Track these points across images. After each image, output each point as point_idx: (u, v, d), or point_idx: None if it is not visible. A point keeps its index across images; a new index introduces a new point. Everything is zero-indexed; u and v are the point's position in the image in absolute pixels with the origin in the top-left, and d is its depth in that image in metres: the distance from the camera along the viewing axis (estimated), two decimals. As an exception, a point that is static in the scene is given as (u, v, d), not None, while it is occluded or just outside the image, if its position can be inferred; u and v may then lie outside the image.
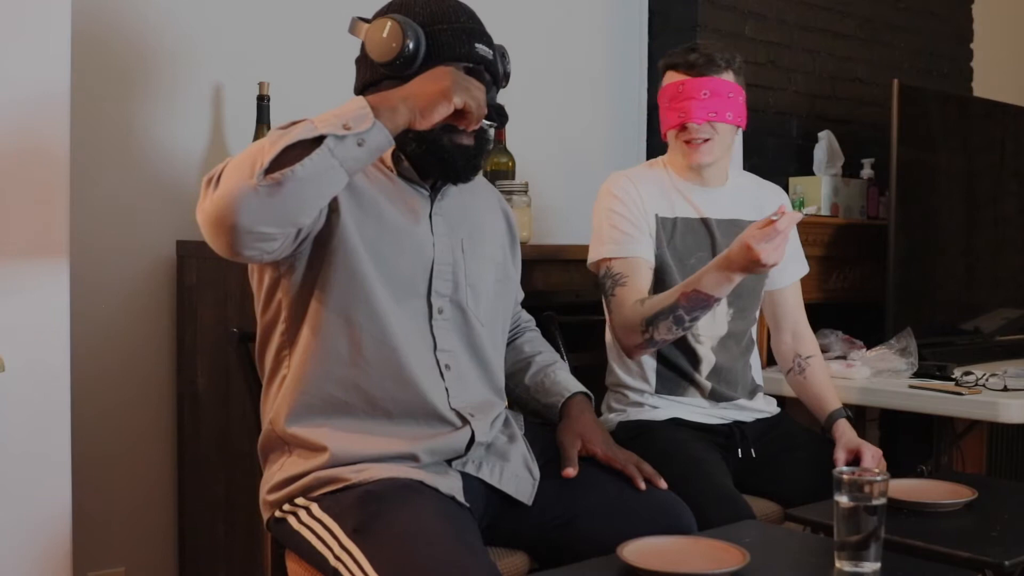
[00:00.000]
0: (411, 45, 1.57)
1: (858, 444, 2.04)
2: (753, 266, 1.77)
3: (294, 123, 1.40)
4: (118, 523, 2.32)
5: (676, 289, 1.91)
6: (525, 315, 2.00)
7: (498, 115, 1.65)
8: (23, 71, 1.74)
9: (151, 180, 2.35)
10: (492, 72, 1.67)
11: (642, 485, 1.68)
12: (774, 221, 1.74)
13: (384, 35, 1.58)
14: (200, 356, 2.30)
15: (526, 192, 2.58)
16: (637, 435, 2.01)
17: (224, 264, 2.22)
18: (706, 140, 2.07)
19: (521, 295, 1.94)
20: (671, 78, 2.11)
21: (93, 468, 2.24)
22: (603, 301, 2.07)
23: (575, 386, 1.85)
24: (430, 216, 1.67)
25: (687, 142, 2.08)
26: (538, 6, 3.02)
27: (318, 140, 1.36)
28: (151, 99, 2.36)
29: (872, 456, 2.01)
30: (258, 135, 2.30)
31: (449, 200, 1.71)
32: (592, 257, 2.09)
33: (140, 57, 2.34)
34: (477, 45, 1.63)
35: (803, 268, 2.28)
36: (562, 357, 2.13)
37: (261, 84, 2.34)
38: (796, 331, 2.25)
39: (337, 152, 1.36)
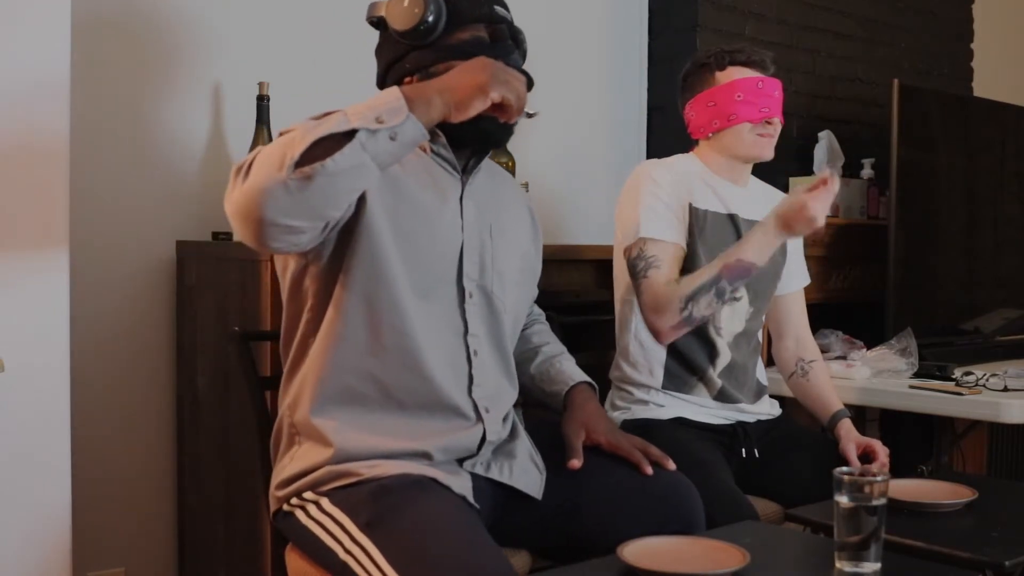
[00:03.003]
0: (432, 8, 1.59)
1: (867, 439, 2.07)
2: (805, 225, 1.90)
3: (327, 114, 1.39)
4: (118, 523, 2.32)
5: (717, 262, 1.95)
6: (536, 308, 1.99)
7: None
8: (22, 70, 1.74)
9: (151, 180, 2.35)
10: (514, 34, 1.68)
11: (648, 470, 1.67)
12: (825, 180, 1.86)
13: (405, 4, 1.60)
14: (200, 356, 2.30)
15: (526, 192, 2.58)
16: (640, 434, 2.01)
17: (224, 264, 2.23)
18: (771, 136, 2.14)
19: (536, 292, 1.92)
20: (741, 73, 2.12)
21: (93, 468, 2.24)
22: (633, 284, 2.06)
23: (579, 376, 1.85)
24: (460, 199, 1.66)
25: (761, 136, 2.12)
26: (538, 6, 3.02)
27: (350, 133, 1.34)
28: (151, 99, 2.36)
29: (883, 451, 2.05)
30: (258, 135, 2.30)
31: (479, 184, 1.70)
32: (628, 238, 2.08)
33: (140, 57, 2.34)
34: (496, 7, 1.66)
35: (806, 278, 2.34)
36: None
37: (261, 84, 2.34)
38: (799, 336, 2.29)
39: (369, 146, 1.35)
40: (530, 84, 1.63)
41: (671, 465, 1.70)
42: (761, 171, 2.29)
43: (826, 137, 3.33)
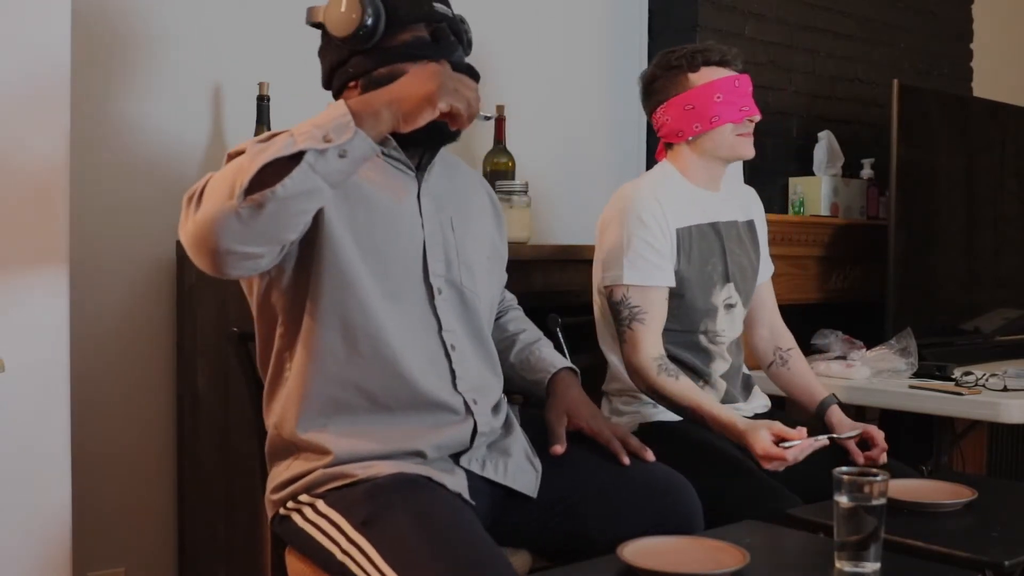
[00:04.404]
0: (370, 12, 1.56)
1: (862, 425, 2.07)
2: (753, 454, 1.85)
3: (274, 135, 1.38)
4: (118, 523, 2.32)
5: (695, 400, 1.95)
6: (508, 294, 1.97)
7: (470, 75, 1.61)
8: (23, 70, 1.74)
9: (151, 181, 2.35)
10: (455, 31, 1.65)
11: (626, 460, 1.69)
12: (796, 439, 1.82)
13: (342, 9, 1.57)
14: (200, 357, 2.30)
15: (526, 192, 2.58)
16: (662, 437, 1.98)
17: (224, 264, 2.23)
18: (751, 134, 2.11)
19: (505, 276, 1.91)
20: (716, 73, 2.07)
21: (93, 468, 2.23)
22: (616, 328, 2.05)
23: (560, 362, 1.85)
24: (418, 197, 1.65)
25: (741, 135, 2.09)
26: (538, 6, 3.02)
27: (298, 155, 1.32)
28: (151, 99, 2.36)
29: (879, 434, 2.04)
30: (258, 135, 2.30)
31: (435, 180, 1.69)
32: (610, 278, 2.05)
33: (140, 57, 2.34)
34: (435, 5, 1.62)
35: (772, 267, 2.33)
36: (565, 357, 2.12)
37: (261, 84, 2.34)
38: (773, 326, 2.29)
39: (319, 167, 1.33)
40: (475, 78, 1.60)
41: (650, 456, 1.71)
42: (761, 171, 2.29)
43: (826, 137, 3.33)
